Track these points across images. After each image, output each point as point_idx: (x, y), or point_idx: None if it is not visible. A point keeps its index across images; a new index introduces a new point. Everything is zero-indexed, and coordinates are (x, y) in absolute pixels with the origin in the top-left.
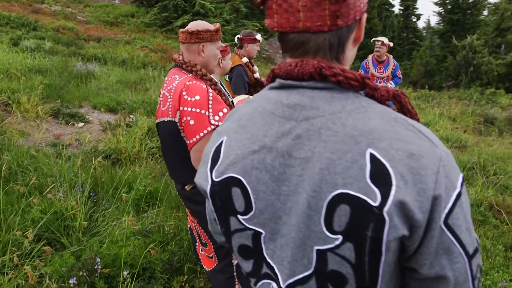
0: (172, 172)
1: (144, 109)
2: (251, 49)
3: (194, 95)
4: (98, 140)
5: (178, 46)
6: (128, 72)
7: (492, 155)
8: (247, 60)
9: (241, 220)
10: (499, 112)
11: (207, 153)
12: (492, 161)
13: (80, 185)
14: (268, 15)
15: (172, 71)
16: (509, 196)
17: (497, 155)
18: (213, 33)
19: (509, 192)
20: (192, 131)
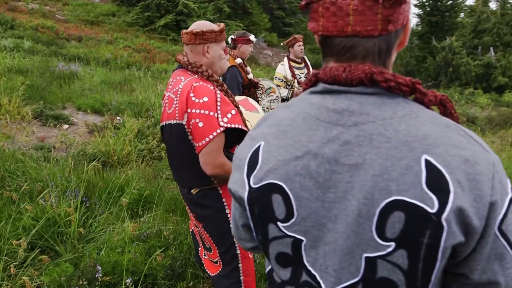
0: (177, 175)
1: (131, 110)
2: (244, 50)
3: (202, 96)
4: (86, 142)
5: (162, 46)
6: (112, 73)
7: None
8: (241, 61)
9: (281, 228)
10: (479, 111)
11: (242, 159)
12: None
13: (72, 190)
14: (313, 19)
15: (176, 72)
16: None
17: None
18: (217, 34)
19: None
20: (200, 133)
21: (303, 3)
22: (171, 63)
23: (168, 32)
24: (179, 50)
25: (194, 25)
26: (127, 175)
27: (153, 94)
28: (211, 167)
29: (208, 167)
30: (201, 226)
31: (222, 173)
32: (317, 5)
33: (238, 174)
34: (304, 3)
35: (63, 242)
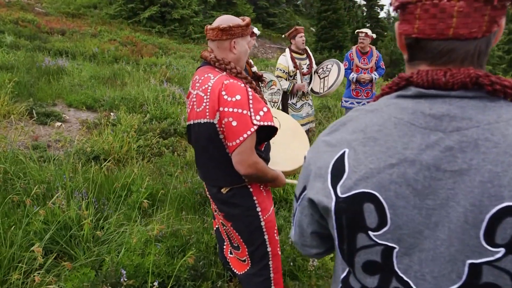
0: (206, 175)
1: (125, 106)
2: (248, 43)
3: (235, 94)
4: (82, 140)
5: (148, 39)
6: (100, 67)
7: None
8: None
9: (372, 236)
10: None
11: (322, 167)
12: None
13: (80, 191)
14: (406, 21)
15: (203, 69)
16: None
17: None
18: (244, 28)
19: None
20: (234, 132)
21: (397, 3)
22: (159, 56)
23: (153, 24)
24: (165, 43)
25: (220, 21)
26: (132, 174)
27: (146, 89)
28: (244, 167)
29: (242, 166)
30: (230, 225)
31: (256, 172)
32: (414, 6)
33: (320, 183)
34: (399, 3)
35: (76, 245)
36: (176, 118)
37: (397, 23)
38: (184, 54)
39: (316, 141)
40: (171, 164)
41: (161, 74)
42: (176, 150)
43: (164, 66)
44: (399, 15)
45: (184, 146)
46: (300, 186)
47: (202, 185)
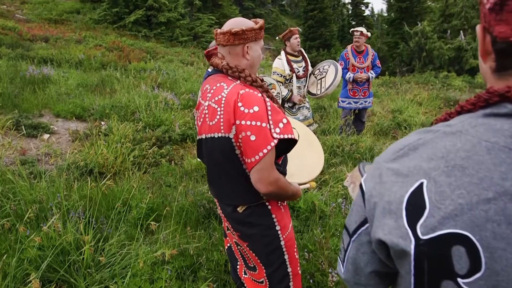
0: (220, 193)
1: (116, 114)
2: None
3: (252, 105)
4: (74, 153)
5: (134, 44)
6: (87, 74)
7: None
8: None
9: (461, 284)
10: (458, 95)
11: (394, 201)
12: None
13: (76, 210)
14: (504, 21)
15: (213, 78)
16: None
17: None
18: (257, 32)
19: None
20: (253, 148)
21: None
22: (148, 61)
23: (139, 28)
24: (152, 47)
25: (231, 24)
26: (130, 187)
27: (137, 95)
28: (265, 185)
29: (262, 184)
30: (246, 245)
31: (277, 190)
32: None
33: (392, 221)
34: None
35: (76, 271)
36: (170, 125)
37: (480, 26)
38: (173, 58)
39: (376, 168)
40: (169, 174)
41: (151, 79)
42: (173, 159)
43: (153, 71)
44: (490, 16)
45: (181, 154)
46: (356, 220)
47: (204, 196)
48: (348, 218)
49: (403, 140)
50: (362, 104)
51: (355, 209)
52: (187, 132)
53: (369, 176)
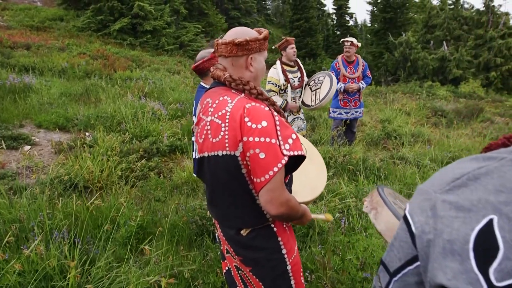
0: (222, 215)
1: (101, 125)
2: None
3: (260, 120)
4: (57, 166)
5: (119, 52)
6: (71, 83)
7: (464, 148)
8: None
9: None
10: (445, 104)
11: (457, 240)
12: (462, 153)
13: (60, 230)
14: None
15: (215, 91)
16: None
17: (467, 148)
18: (261, 42)
19: None
20: (262, 166)
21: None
22: (133, 69)
23: (124, 36)
24: (138, 55)
25: (234, 34)
26: (118, 204)
27: (123, 105)
28: (276, 206)
29: (272, 206)
30: (249, 270)
31: (288, 211)
32: None
33: (457, 264)
34: None
35: None
36: (158, 136)
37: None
38: (159, 66)
39: (425, 198)
40: (158, 188)
41: (138, 89)
42: (162, 172)
43: (139, 80)
44: None
45: (170, 167)
46: (400, 257)
47: (197, 212)
48: (387, 253)
49: (456, 168)
50: (353, 114)
51: (397, 244)
52: (176, 143)
53: (415, 207)
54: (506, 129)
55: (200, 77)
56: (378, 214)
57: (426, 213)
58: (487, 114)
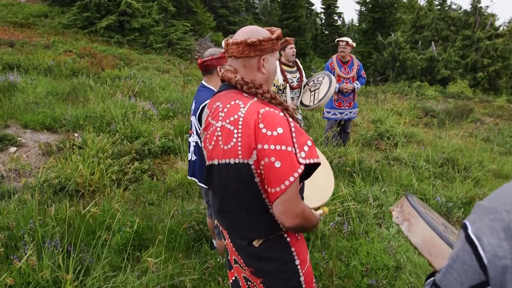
0: (233, 225)
1: (91, 125)
2: None
3: (275, 127)
4: (46, 168)
5: (107, 50)
6: (58, 82)
7: (456, 148)
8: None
9: None
10: (434, 104)
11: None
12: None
13: (52, 238)
14: None
15: (225, 94)
16: (489, 189)
17: (459, 148)
18: (274, 42)
19: (481, 185)
20: (278, 176)
21: None
22: (122, 68)
23: (111, 34)
24: (126, 53)
25: (245, 33)
26: (112, 209)
27: (112, 105)
28: (291, 217)
29: (287, 217)
30: (259, 282)
31: (303, 222)
32: None
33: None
34: None
35: None
36: (149, 137)
37: None
38: (148, 65)
39: (496, 218)
40: (151, 191)
41: (128, 88)
42: (155, 174)
43: (128, 79)
44: None
45: (162, 169)
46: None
47: (194, 217)
48: (443, 276)
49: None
50: (347, 115)
51: (457, 267)
52: (168, 144)
53: (483, 228)
54: (495, 130)
55: (204, 75)
56: (412, 226)
57: (498, 234)
58: (476, 115)
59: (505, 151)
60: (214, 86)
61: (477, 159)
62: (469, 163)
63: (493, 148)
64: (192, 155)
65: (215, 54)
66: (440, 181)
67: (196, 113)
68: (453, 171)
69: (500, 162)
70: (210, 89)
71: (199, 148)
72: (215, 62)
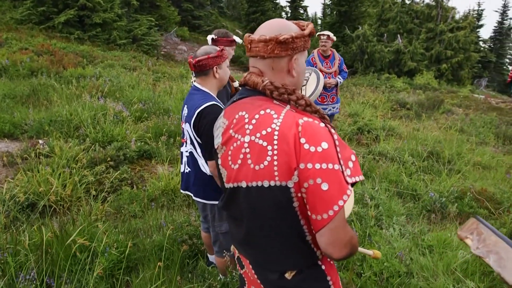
0: (262, 257)
1: (57, 130)
2: (227, 53)
3: (319, 141)
4: (9, 182)
5: (67, 47)
6: (15, 83)
7: (438, 141)
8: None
9: None
10: (406, 96)
11: None
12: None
13: (27, 270)
14: None
15: (252, 102)
16: (473, 181)
17: (439, 140)
18: (306, 39)
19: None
20: (326, 200)
21: None
22: (85, 66)
23: (70, 30)
24: (88, 50)
25: (273, 28)
26: (90, 225)
27: (80, 107)
28: (339, 248)
29: (335, 248)
30: None
31: (350, 251)
32: None
33: None
34: None
35: None
36: (124, 141)
37: None
38: (113, 62)
39: None
40: (133, 202)
41: (96, 88)
42: (134, 182)
43: (94, 78)
44: None
45: (141, 175)
46: None
47: (185, 230)
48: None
49: None
50: (330, 110)
51: None
52: (144, 148)
53: None
54: (467, 120)
55: (197, 76)
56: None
57: None
58: (447, 106)
59: (480, 141)
60: (210, 88)
61: (456, 151)
62: (451, 156)
63: (468, 139)
64: (185, 167)
65: (211, 52)
66: (427, 175)
67: (191, 120)
68: (438, 164)
69: (478, 153)
70: (204, 92)
71: (193, 159)
72: (212, 61)
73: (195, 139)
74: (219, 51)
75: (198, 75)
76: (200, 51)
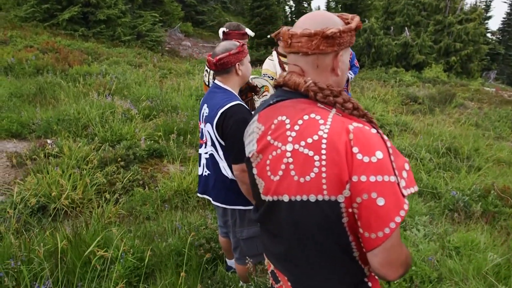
0: (306, 276)
1: (65, 130)
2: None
3: (373, 151)
4: (19, 183)
5: (71, 44)
6: (21, 81)
7: (454, 136)
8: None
9: None
10: (416, 90)
11: None
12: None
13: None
14: None
15: (293, 105)
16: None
17: (454, 135)
18: (353, 34)
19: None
20: (382, 217)
21: None
22: (91, 63)
23: (75, 27)
24: (93, 47)
25: (317, 21)
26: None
27: (87, 106)
28: (396, 268)
29: (391, 269)
30: None
31: (406, 270)
32: None
33: None
34: None
35: None
36: (133, 140)
37: None
38: (118, 59)
39: None
40: (146, 203)
41: (103, 86)
42: (145, 182)
43: (100, 75)
44: None
45: (151, 174)
46: None
47: (202, 234)
48: None
49: None
50: None
51: None
52: (154, 146)
53: None
54: (481, 114)
55: (218, 74)
56: None
57: None
58: (459, 99)
59: (497, 136)
60: (232, 86)
61: (473, 146)
62: (469, 152)
63: (484, 134)
64: (203, 169)
65: (231, 49)
66: (446, 172)
67: (213, 121)
68: (456, 160)
69: (497, 148)
70: (227, 90)
71: (214, 161)
72: (233, 58)
73: (217, 141)
74: (239, 46)
75: (219, 73)
76: (220, 48)
